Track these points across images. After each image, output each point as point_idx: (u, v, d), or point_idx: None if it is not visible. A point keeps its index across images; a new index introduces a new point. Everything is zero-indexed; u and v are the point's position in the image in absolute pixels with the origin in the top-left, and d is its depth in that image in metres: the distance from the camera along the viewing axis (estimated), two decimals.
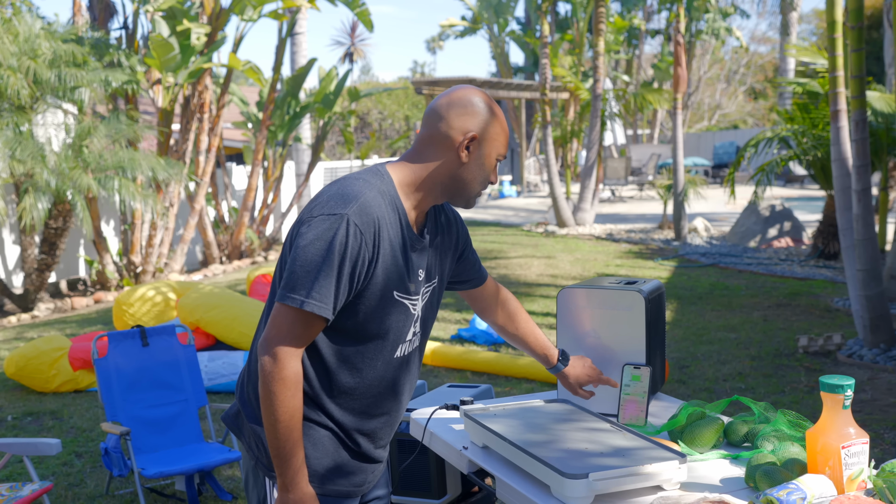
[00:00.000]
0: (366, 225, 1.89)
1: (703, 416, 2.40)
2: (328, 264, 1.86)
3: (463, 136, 2.00)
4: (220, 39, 12.84)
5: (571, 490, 1.96)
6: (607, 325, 2.67)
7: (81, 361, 6.58)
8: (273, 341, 1.89)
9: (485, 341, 7.50)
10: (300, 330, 1.89)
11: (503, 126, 2.05)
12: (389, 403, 2.10)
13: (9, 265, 11.87)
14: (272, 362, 1.88)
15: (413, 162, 2.03)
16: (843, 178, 6.81)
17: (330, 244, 1.86)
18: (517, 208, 19.65)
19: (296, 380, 1.90)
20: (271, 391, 1.88)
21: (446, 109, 2.01)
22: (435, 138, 2.01)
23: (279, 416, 1.89)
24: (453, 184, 2.03)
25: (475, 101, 2.02)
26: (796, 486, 1.88)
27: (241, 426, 2.09)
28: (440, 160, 2.01)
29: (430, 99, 22.40)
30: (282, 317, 1.89)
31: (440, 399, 3.08)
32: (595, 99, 15.03)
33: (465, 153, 2.00)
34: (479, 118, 2.01)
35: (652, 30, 29.44)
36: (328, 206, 1.90)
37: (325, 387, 2.00)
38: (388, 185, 1.98)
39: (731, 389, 6.00)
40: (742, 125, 39.64)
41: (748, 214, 13.36)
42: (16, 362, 6.57)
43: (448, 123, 2.00)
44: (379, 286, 1.95)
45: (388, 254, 1.94)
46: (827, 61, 9.49)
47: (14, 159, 9.92)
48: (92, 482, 4.74)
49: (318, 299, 1.86)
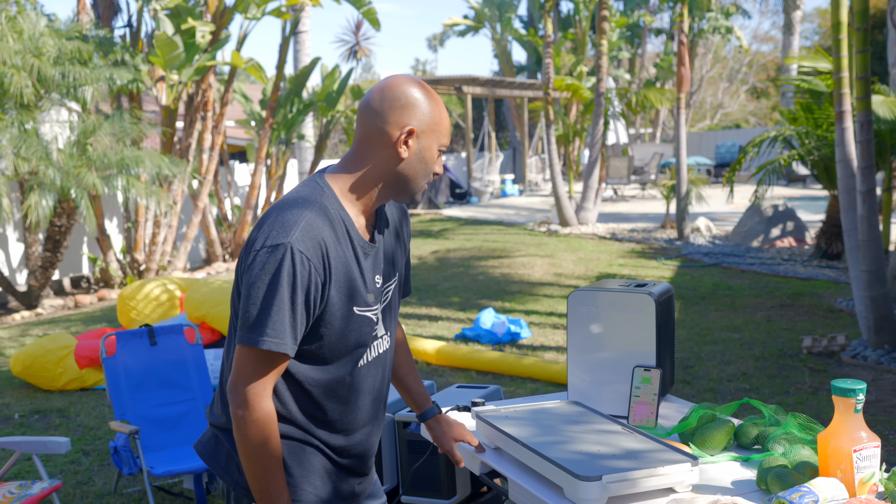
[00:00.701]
0: (311, 249, 1.80)
1: (714, 418, 2.41)
2: (279, 298, 1.78)
3: (400, 130, 1.89)
4: (224, 38, 12.85)
5: (585, 492, 1.98)
6: (618, 327, 2.68)
7: (87, 360, 6.60)
8: (239, 385, 1.83)
9: (489, 341, 7.52)
10: (264, 369, 1.82)
11: (443, 115, 1.95)
12: (369, 410, 2.04)
13: (13, 263, 11.89)
14: (241, 406, 1.82)
15: (352, 165, 1.94)
16: (848, 179, 6.82)
17: (277, 277, 1.78)
18: (519, 207, 19.66)
19: (269, 419, 1.83)
20: (246, 435, 1.83)
21: (380, 104, 1.90)
22: (372, 136, 1.91)
23: (258, 459, 1.84)
24: (396, 181, 1.94)
25: (410, 91, 1.91)
26: (809, 490, 1.90)
27: (216, 452, 2.01)
28: (379, 159, 1.91)
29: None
30: (242, 358, 1.82)
31: (450, 400, 3.10)
32: (598, 97, 15.04)
33: (405, 148, 1.90)
34: (415, 110, 1.90)
35: (655, 29, 29.44)
36: (270, 236, 1.81)
37: (305, 409, 1.95)
38: (329, 198, 1.89)
39: (736, 390, 6.01)
40: (744, 124, 39.64)
41: (751, 214, 13.37)
42: (22, 361, 6.59)
43: (384, 119, 1.89)
44: (337, 306, 1.88)
45: (340, 272, 1.87)
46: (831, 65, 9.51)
47: (19, 157, 9.94)
48: (100, 480, 4.76)
49: (275, 335, 1.79)
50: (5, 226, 11.65)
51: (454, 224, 16.73)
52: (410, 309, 9.13)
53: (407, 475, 2.98)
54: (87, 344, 6.69)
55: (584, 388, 2.76)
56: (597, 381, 2.74)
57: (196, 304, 6.91)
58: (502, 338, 7.48)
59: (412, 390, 2.35)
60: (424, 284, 10.58)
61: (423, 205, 19.40)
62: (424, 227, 16.22)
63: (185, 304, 7.03)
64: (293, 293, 1.79)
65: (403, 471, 3.00)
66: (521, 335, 7.59)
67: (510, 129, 29.19)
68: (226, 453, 1.99)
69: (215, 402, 2.03)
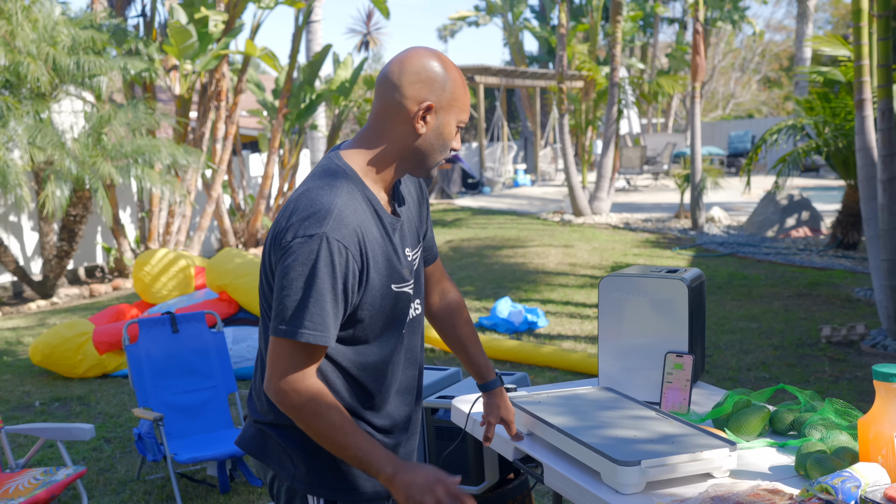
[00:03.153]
0: (348, 237, 1.77)
1: (749, 404, 2.40)
2: (317, 289, 1.74)
3: (418, 106, 1.84)
4: (237, 27, 12.84)
5: (623, 477, 1.96)
6: (649, 313, 2.67)
7: (107, 345, 6.58)
8: (277, 379, 1.79)
9: (506, 330, 7.51)
10: (302, 361, 1.78)
11: (463, 90, 1.89)
12: (408, 380, 2.03)
13: (28, 252, 11.93)
14: (286, 397, 1.79)
15: (370, 141, 1.89)
16: (868, 168, 6.78)
17: (315, 268, 1.74)
18: (531, 197, 19.63)
19: (318, 394, 1.79)
20: (305, 420, 1.80)
21: (399, 77, 1.84)
22: (389, 110, 1.86)
23: (330, 433, 1.80)
24: (413, 157, 1.89)
25: (430, 65, 1.85)
26: (850, 474, 1.89)
27: (266, 448, 1.97)
28: (396, 134, 1.87)
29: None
30: (278, 351, 1.79)
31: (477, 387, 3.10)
32: (611, 86, 14.99)
33: (422, 124, 1.86)
34: (434, 85, 1.84)
35: (668, 18, 29.30)
36: (303, 226, 1.76)
37: (352, 392, 1.93)
38: (353, 181, 1.86)
39: (755, 379, 6.00)
40: (756, 114, 39.46)
41: (766, 204, 13.31)
42: (41, 350, 6.60)
43: (402, 93, 1.84)
44: (377, 288, 1.86)
45: (377, 254, 1.85)
46: (849, 50, 9.44)
47: (34, 146, 9.96)
48: (122, 467, 4.78)
49: (313, 328, 1.75)
50: (20, 215, 11.69)
51: (467, 214, 16.71)
52: None
53: (435, 462, 2.98)
54: (106, 328, 6.68)
55: (615, 375, 2.75)
56: (628, 368, 2.73)
57: (220, 273, 6.84)
58: (519, 327, 7.48)
59: (475, 361, 2.30)
60: None
61: (436, 195, 19.39)
62: (438, 217, 16.21)
63: (209, 272, 6.96)
64: (333, 283, 1.76)
65: (431, 457, 3.00)
66: (538, 324, 7.58)
67: (522, 120, 29.13)
68: (277, 448, 1.95)
69: (255, 399, 2.00)
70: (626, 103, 18.20)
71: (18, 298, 11.39)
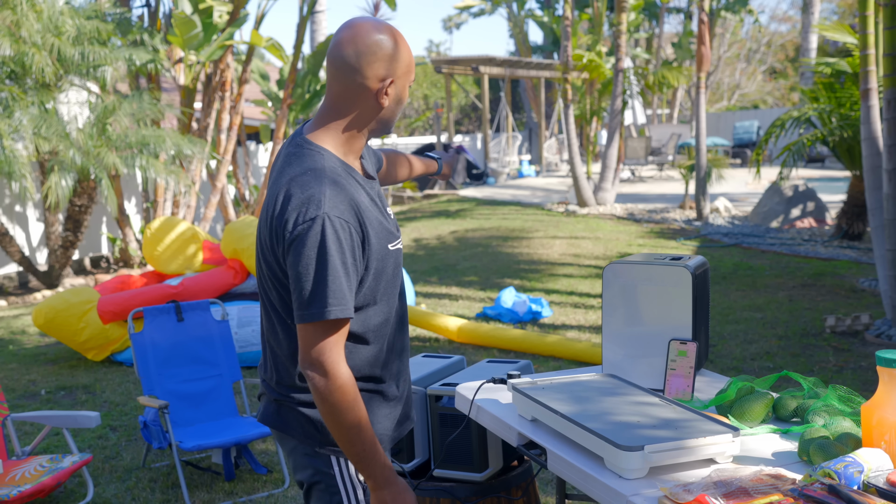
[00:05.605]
0: (346, 212, 1.87)
1: (752, 390, 2.40)
2: (332, 267, 1.83)
3: (380, 83, 1.95)
4: (242, 17, 12.83)
5: (626, 462, 1.97)
6: (653, 300, 2.67)
7: (111, 314, 6.54)
8: (312, 359, 1.86)
9: (510, 319, 7.52)
10: (334, 337, 1.87)
11: (409, 53, 2.00)
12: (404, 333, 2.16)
13: (33, 242, 11.96)
14: (322, 377, 1.86)
15: (336, 121, 1.99)
16: (873, 158, 6.76)
17: (323, 248, 1.83)
18: (536, 188, 19.61)
19: (351, 382, 1.88)
20: (332, 404, 1.86)
21: (356, 59, 1.93)
22: (351, 91, 1.95)
23: (350, 423, 1.88)
24: (378, 124, 2.01)
25: (382, 41, 1.94)
26: (853, 460, 1.89)
27: (287, 419, 2.05)
28: (362, 109, 1.97)
29: (449, 78, 22.33)
30: (310, 334, 1.86)
31: (481, 374, 3.10)
32: (616, 76, 14.95)
33: (385, 97, 1.97)
34: (390, 59, 1.95)
35: (673, 8, 29.20)
36: (301, 213, 1.85)
37: (366, 356, 2.02)
38: (330, 159, 1.95)
39: (760, 368, 6.00)
40: (762, 105, 39.34)
41: (771, 195, 13.29)
42: (44, 314, 6.51)
43: (363, 74, 1.93)
44: (378, 253, 1.97)
45: (371, 220, 1.95)
46: (855, 39, 9.41)
47: (39, 137, 9.97)
48: (128, 455, 4.80)
49: (337, 303, 1.84)
50: (26, 205, 11.71)
51: (471, 204, 16.71)
52: (431, 288, 9.14)
53: (439, 449, 2.99)
54: (111, 298, 6.61)
55: (619, 362, 2.75)
56: (631, 355, 2.73)
57: (239, 236, 6.74)
58: (523, 316, 7.48)
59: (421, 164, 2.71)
60: (444, 264, 10.58)
61: (441, 186, 19.37)
62: (442, 208, 16.21)
63: (227, 234, 6.87)
64: (343, 257, 1.85)
65: (435, 444, 3.01)
66: (543, 314, 7.59)
67: (527, 110, 29.08)
68: (301, 418, 2.04)
69: (270, 376, 2.07)
70: (630, 94, 18.16)
71: (24, 288, 11.43)
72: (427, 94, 33.01)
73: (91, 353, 6.70)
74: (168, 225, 7.37)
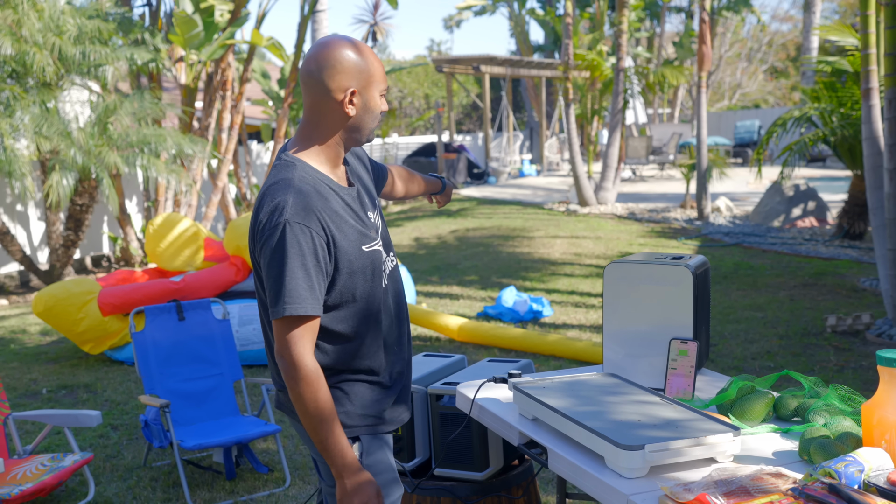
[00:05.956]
0: (307, 218, 2.02)
1: (753, 390, 2.40)
2: (290, 268, 2.00)
3: (343, 94, 2.09)
4: (243, 16, 12.83)
5: (627, 461, 1.97)
6: (654, 299, 2.67)
7: (111, 307, 6.52)
8: (283, 353, 2.03)
9: (511, 319, 7.52)
10: (297, 331, 2.02)
11: (375, 64, 2.13)
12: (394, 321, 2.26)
13: (34, 241, 11.97)
14: (288, 368, 2.02)
15: (311, 133, 2.15)
16: (874, 157, 6.76)
17: (282, 251, 2.01)
18: (537, 187, 19.61)
19: (315, 375, 2.03)
20: (299, 394, 2.02)
21: (319, 73, 2.08)
22: (319, 104, 2.11)
23: (312, 412, 2.03)
24: (350, 133, 2.15)
25: (343, 54, 2.08)
26: (854, 459, 1.89)
27: (290, 404, 2.23)
28: (331, 121, 2.12)
29: (450, 77, 22.34)
30: (278, 331, 2.03)
31: (482, 373, 3.11)
32: (617, 75, 14.95)
33: (351, 107, 2.10)
34: (352, 71, 2.08)
35: (674, 7, 29.18)
36: (268, 222, 2.03)
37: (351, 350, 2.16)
38: (304, 170, 2.10)
39: (760, 368, 6.00)
40: (763, 104, 39.32)
41: (772, 194, 13.29)
42: (44, 301, 6.49)
43: (326, 86, 2.08)
44: (349, 255, 2.10)
45: (340, 224, 2.09)
46: (856, 39, 9.41)
47: (40, 136, 9.97)
48: (129, 454, 4.81)
49: (292, 301, 2.00)
50: (27, 205, 11.72)
51: (472, 204, 16.71)
52: (431, 287, 9.15)
53: (440, 448, 2.99)
54: (112, 290, 6.59)
55: (620, 361, 2.75)
56: (632, 355, 2.73)
57: (241, 233, 6.74)
58: (524, 316, 7.49)
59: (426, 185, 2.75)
60: (444, 263, 10.59)
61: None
62: (443, 207, 16.20)
63: (230, 231, 6.86)
64: (302, 258, 2.01)
65: (436, 443, 3.01)
66: (543, 313, 7.59)
67: (528, 110, 29.07)
68: None
69: (273, 368, 2.25)
70: (631, 93, 18.15)
71: (25, 287, 11.43)
72: (428, 93, 33.00)
73: (88, 345, 6.67)
74: (170, 221, 7.38)
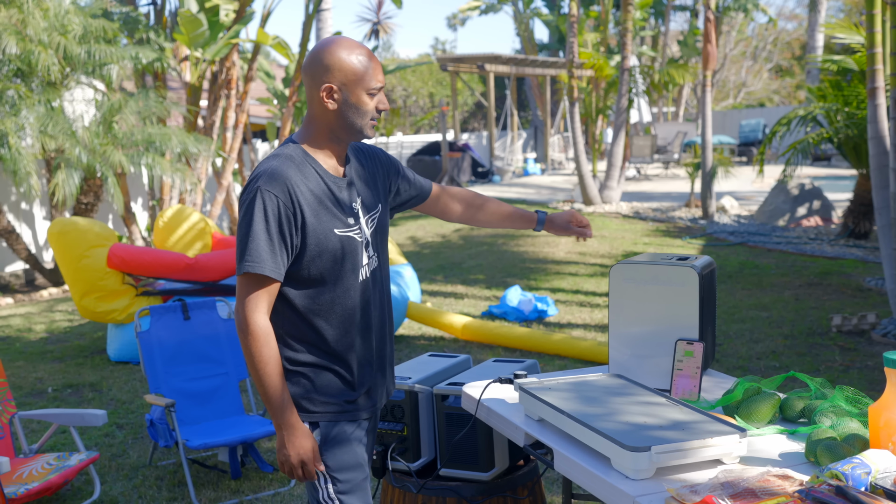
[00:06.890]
0: (277, 188, 2.17)
1: (759, 391, 2.40)
2: (254, 230, 2.16)
3: (323, 89, 2.23)
4: (248, 15, 12.82)
5: (633, 462, 1.97)
6: (660, 300, 2.67)
7: (119, 259, 6.55)
8: (237, 308, 2.20)
9: (516, 318, 7.52)
10: (252, 290, 2.17)
11: (362, 65, 2.23)
12: (369, 320, 2.35)
13: (40, 240, 11.99)
14: (241, 323, 2.18)
15: (308, 124, 2.31)
16: (880, 157, 6.75)
17: (250, 215, 2.17)
18: (541, 186, 19.60)
19: (263, 332, 2.17)
20: (246, 346, 2.18)
21: (305, 69, 2.26)
22: (309, 97, 2.28)
23: (258, 366, 2.18)
24: (340, 127, 2.27)
25: (327, 54, 2.23)
26: (861, 461, 1.89)
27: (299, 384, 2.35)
28: (319, 113, 2.27)
29: (454, 76, 22.35)
30: (239, 288, 2.20)
31: (488, 373, 3.10)
32: (622, 73, 14.93)
33: (331, 102, 2.23)
34: (333, 69, 2.22)
35: (679, 6, 29.13)
36: (246, 190, 2.21)
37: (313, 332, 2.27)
38: (293, 150, 2.27)
39: (765, 368, 5.99)
40: (768, 103, 39.24)
41: (777, 193, 13.26)
42: (62, 225, 6.58)
43: (311, 81, 2.25)
44: (317, 231, 2.22)
45: (311, 202, 2.22)
46: (862, 37, 9.38)
47: (45, 135, 9.99)
48: (135, 453, 4.81)
49: (251, 259, 2.15)
50: (32, 203, 11.74)
51: None
52: (436, 286, 9.15)
53: (445, 448, 2.99)
54: (124, 246, 6.66)
55: (625, 362, 2.75)
56: (638, 355, 2.73)
57: None
58: (529, 315, 7.48)
59: (514, 215, 2.81)
60: (449, 262, 10.59)
61: (446, 183, 19.38)
62: None
63: None
64: (266, 224, 2.16)
65: (442, 444, 3.01)
66: (548, 312, 7.59)
67: (532, 108, 29.05)
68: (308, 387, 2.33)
69: None
70: (636, 92, 18.13)
71: (30, 286, 11.46)
72: (432, 92, 32.99)
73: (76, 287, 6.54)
74: (180, 215, 7.41)
